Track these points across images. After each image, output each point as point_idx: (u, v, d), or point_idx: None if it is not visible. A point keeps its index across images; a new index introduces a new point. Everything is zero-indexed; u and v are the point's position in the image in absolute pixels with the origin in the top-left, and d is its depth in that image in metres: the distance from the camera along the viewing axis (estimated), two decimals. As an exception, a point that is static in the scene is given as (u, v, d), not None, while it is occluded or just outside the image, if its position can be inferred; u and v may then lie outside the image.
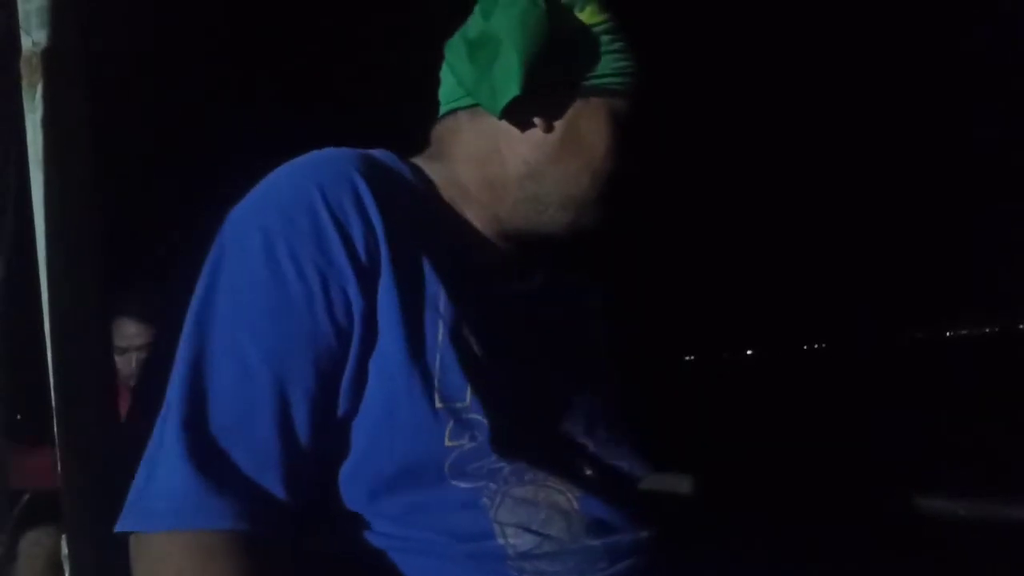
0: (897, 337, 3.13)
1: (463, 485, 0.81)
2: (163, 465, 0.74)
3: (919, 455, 2.26)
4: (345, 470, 0.82)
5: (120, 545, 0.75)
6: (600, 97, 0.91)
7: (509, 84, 0.88)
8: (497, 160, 0.94)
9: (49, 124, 0.80)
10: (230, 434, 0.76)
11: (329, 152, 0.86)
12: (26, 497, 1.03)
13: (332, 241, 0.81)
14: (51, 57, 0.81)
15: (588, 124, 0.92)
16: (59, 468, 0.82)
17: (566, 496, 0.84)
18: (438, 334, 0.83)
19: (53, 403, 0.81)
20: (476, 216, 0.94)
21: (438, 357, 0.82)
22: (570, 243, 0.98)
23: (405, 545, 0.81)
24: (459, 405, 0.82)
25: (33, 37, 0.81)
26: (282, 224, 0.81)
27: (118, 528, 0.75)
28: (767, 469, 2.36)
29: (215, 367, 0.78)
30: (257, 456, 0.76)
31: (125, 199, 1.03)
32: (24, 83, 0.79)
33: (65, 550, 0.82)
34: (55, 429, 0.81)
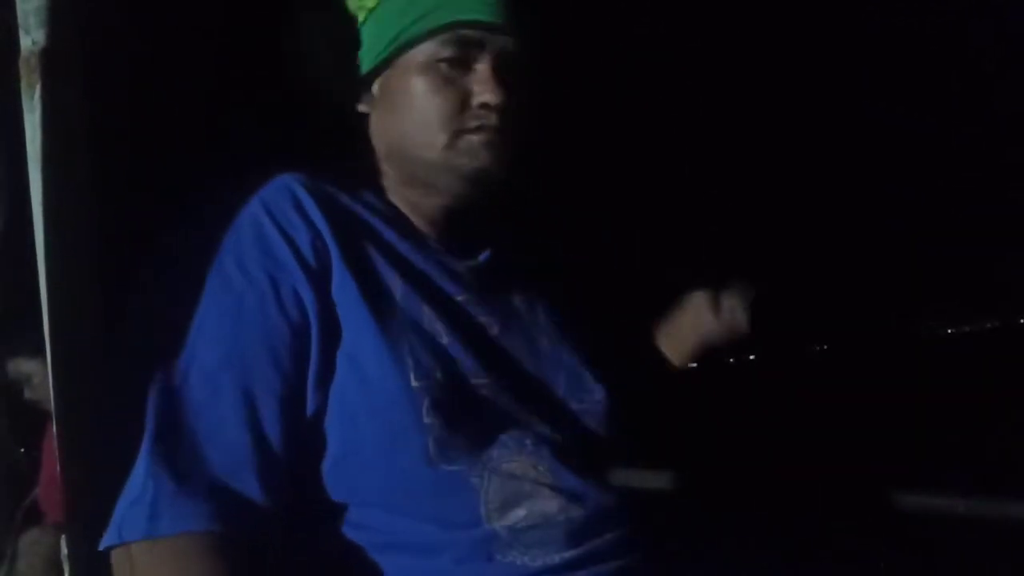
0: (895, 336, 3.12)
1: (450, 468, 0.82)
2: (139, 478, 0.76)
3: (919, 455, 2.25)
4: (326, 466, 0.83)
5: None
6: (400, 56, 0.93)
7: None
8: (376, 155, 0.99)
9: (48, 124, 0.80)
10: (202, 441, 0.77)
11: (276, 179, 0.92)
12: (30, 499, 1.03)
13: (276, 245, 0.85)
14: (50, 57, 0.81)
15: (399, 86, 0.94)
16: (59, 468, 0.82)
17: (538, 468, 0.85)
18: (400, 319, 0.86)
19: (52, 403, 0.81)
20: (401, 206, 0.98)
21: (405, 341, 0.85)
22: (501, 205, 1.00)
23: (393, 539, 0.82)
24: (432, 382, 0.84)
25: (32, 37, 0.81)
26: (231, 241, 0.85)
27: (101, 546, 0.75)
28: (763, 468, 2.36)
29: (181, 380, 0.80)
30: (230, 459, 0.77)
31: (124, 200, 1.03)
32: (23, 83, 0.79)
33: (65, 550, 0.82)
34: (54, 429, 0.81)
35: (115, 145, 0.99)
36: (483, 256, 0.99)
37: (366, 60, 0.96)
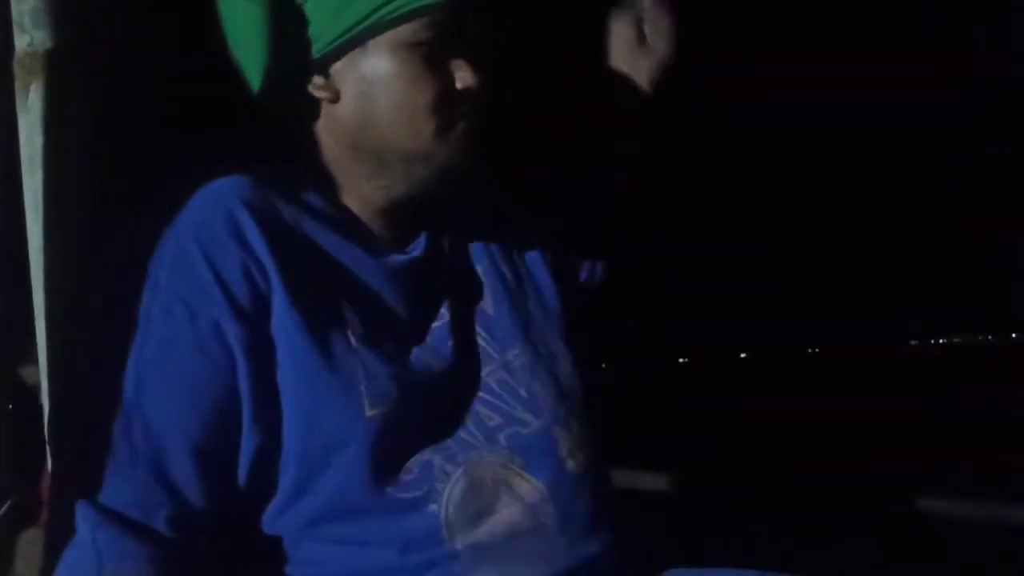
0: (896, 339, 3.11)
1: (405, 496, 0.80)
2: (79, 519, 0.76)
3: (919, 455, 2.25)
4: (279, 505, 0.81)
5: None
6: (375, 37, 0.86)
7: (252, 86, 0.89)
8: (325, 147, 0.92)
9: (44, 126, 0.79)
10: (116, 481, 0.76)
11: (214, 185, 0.85)
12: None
13: (200, 274, 0.79)
14: (45, 58, 0.80)
15: (374, 70, 0.86)
16: (50, 468, 0.82)
17: (511, 465, 0.83)
18: (351, 339, 0.81)
19: (46, 405, 0.81)
20: (352, 202, 0.92)
21: (359, 364, 0.81)
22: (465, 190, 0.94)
23: (349, 570, 0.80)
24: (390, 405, 0.80)
25: (27, 38, 0.81)
26: (154, 271, 0.80)
27: None
28: (764, 470, 2.36)
29: (98, 419, 0.78)
30: (142, 502, 0.75)
31: (123, 201, 1.03)
32: (17, 84, 0.79)
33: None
34: (46, 430, 0.81)
35: (114, 146, 0.98)
36: (420, 248, 0.94)
37: (320, 40, 0.87)
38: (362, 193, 0.91)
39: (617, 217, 1.16)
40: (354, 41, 0.86)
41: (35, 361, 0.82)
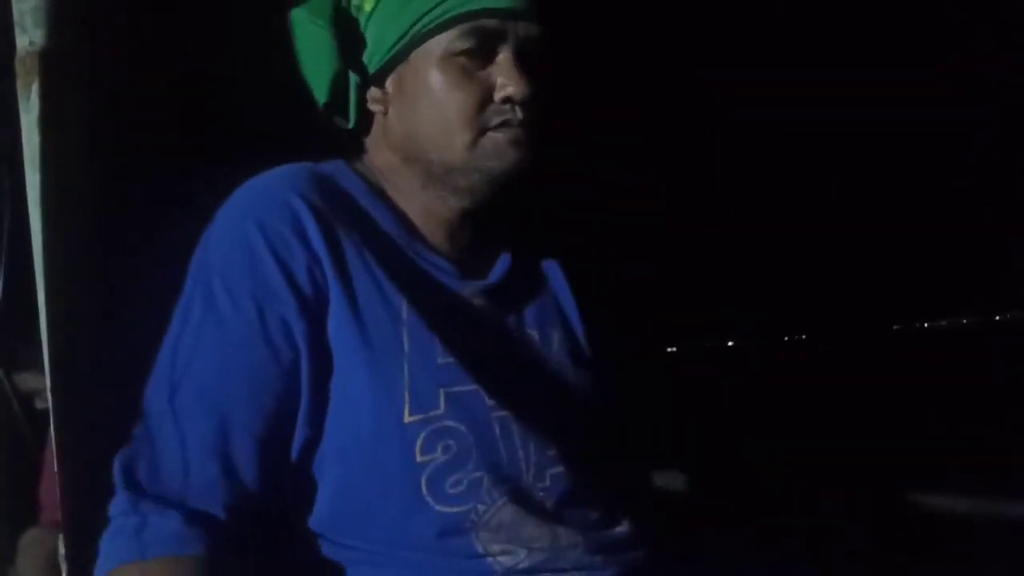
0: (891, 327, 3.11)
1: (446, 510, 0.80)
2: (121, 504, 0.76)
3: (917, 452, 2.25)
4: (323, 497, 0.82)
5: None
6: (417, 48, 0.87)
7: (319, 99, 0.91)
8: (385, 157, 0.93)
9: (44, 125, 0.80)
10: (178, 471, 0.76)
11: (270, 177, 0.86)
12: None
13: (269, 270, 0.80)
14: (47, 57, 0.81)
15: (415, 82, 0.88)
16: (56, 467, 0.82)
17: (544, 501, 0.83)
18: (404, 344, 0.82)
19: (50, 404, 0.81)
20: (414, 212, 0.93)
21: (405, 367, 0.81)
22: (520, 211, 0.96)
23: (384, 560, 0.80)
24: (433, 413, 0.80)
25: (29, 37, 0.81)
26: (220, 262, 0.81)
27: None
28: (759, 467, 2.36)
29: (156, 409, 0.78)
30: (200, 492, 0.76)
31: (123, 201, 1.03)
32: (19, 83, 0.80)
33: (62, 550, 0.82)
34: (52, 430, 0.81)
35: (114, 145, 0.99)
36: (497, 275, 0.95)
37: (375, 56, 0.90)
38: (422, 201, 0.92)
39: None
40: (400, 55, 0.88)
41: (33, 366, 0.82)
